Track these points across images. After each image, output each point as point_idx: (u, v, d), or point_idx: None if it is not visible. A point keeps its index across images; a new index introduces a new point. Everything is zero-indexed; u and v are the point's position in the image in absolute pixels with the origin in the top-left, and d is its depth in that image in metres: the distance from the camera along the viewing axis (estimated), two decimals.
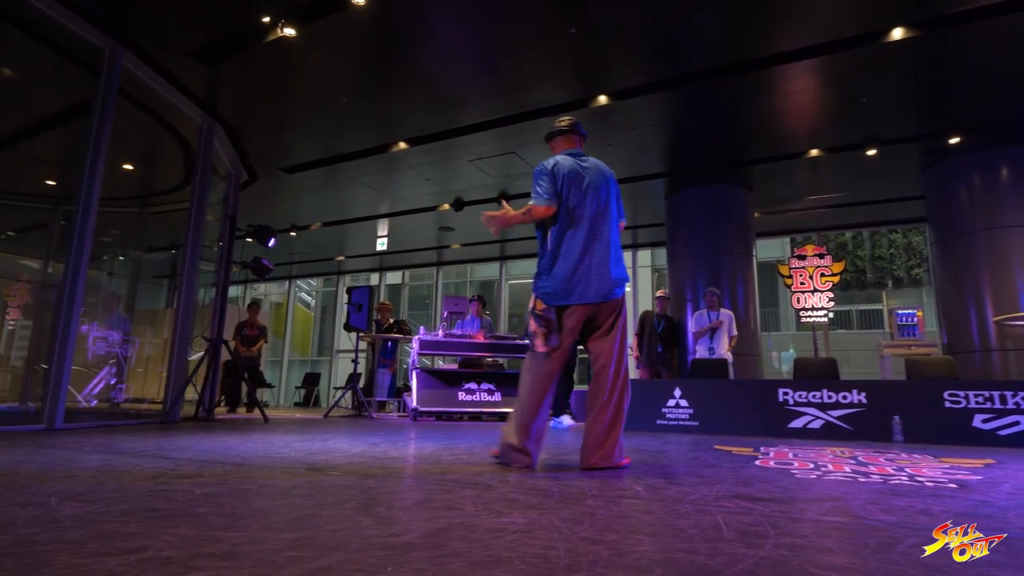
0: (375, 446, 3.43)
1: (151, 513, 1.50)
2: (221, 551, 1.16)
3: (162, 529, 1.33)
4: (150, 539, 1.24)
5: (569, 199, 2.67)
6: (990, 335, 7.07)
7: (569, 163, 2.75)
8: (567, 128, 2.92)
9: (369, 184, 8.68)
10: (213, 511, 1.53)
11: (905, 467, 2.86)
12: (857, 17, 4.95)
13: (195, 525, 1.37)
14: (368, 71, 5.91)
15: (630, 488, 2.04)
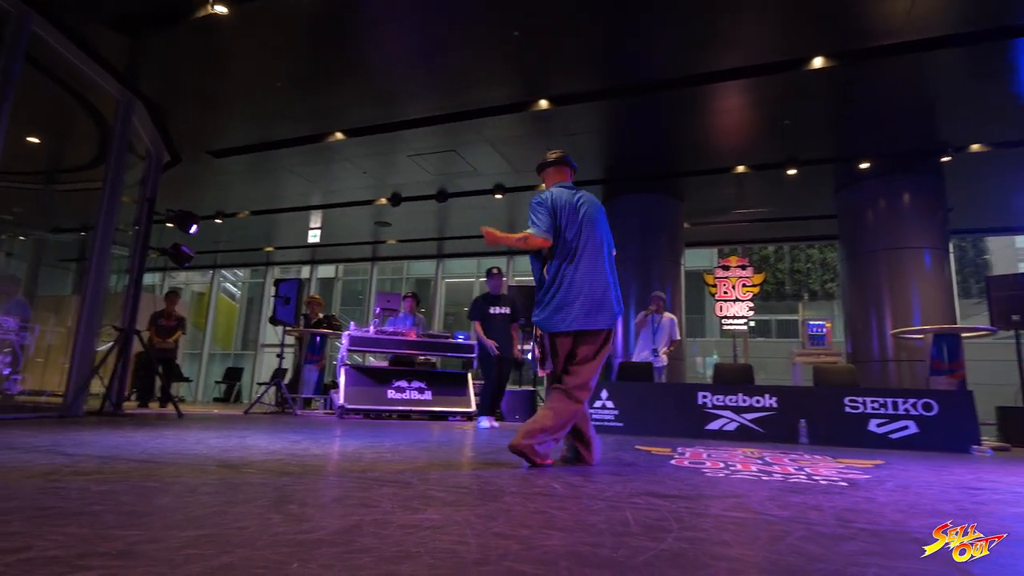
0: (296, 443, 3.34)
1: (39, 512, 1.40)
2: (115, 550, 1.10)
3: (50, 528, 1.25)
4: (36, 538, 1.16)
5: (566, 232, 2.75)
6: (888, 346, 7.67)
7: (565, 196, 2.83)
8: (557, 160, 2.98)
9: (303, 174, 8.43)
10: (110, 509, 1.45)
11: (805, 467, 3.06)
12: (783, 44, 5.26)
13: (88, 524, 1.30)
14: (306, 57, 5.75)
15: (548, 486, 2.09)
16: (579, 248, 2.75)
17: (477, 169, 8.07)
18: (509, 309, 6.03)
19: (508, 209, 9.75)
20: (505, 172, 8.16)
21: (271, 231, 11.69)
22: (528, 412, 7.63)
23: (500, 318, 5.98)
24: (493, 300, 6.05)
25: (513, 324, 6.06)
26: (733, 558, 1.18)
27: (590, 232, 2.78)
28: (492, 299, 6.06)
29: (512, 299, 6.16)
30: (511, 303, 6.10)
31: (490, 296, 6.08)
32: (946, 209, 7.95)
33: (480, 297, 6.10)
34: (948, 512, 1.84)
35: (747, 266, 9.18)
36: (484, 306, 6.01)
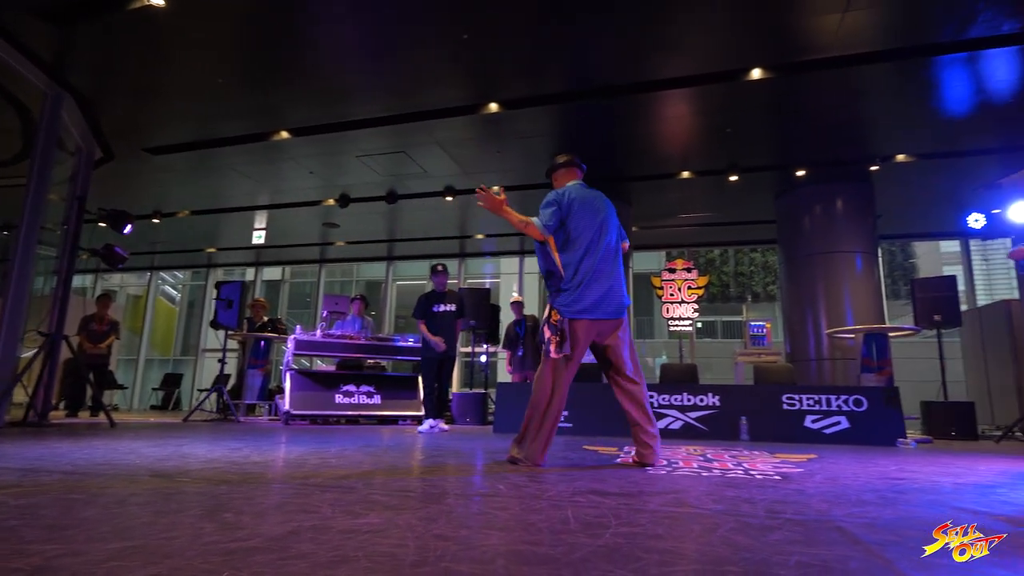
0: (236, 451, 3.23)
1: None
2: (31, 565, 1.05)
3: None
4: None
5: (582, 227, 2.93)
6: (823, 345, 8.04)
7: (581, 193, 3.03)
8: (567, 162, 3.20)
9: (247, 173, 8.18)
10: (28, 523, 1.38)
11: (743, 462, 3.18)
12: (725, 54, 5.45)
13: (3, 539, 1.23)
14: (249, 54, 5.59)
15: (492, 487, 2.10)
16: (599, 243, 2.95)
17: (427, 171, 8.03)
18: (455, 306, 5.91)
19: (459, 211, 9.73)
20: (456, 174, 8.14)
21: (213, 232, 11.28)
22: (479, 415, 7.62)
23: (445, 316, 5.85)
24: (438, 298, 5.93)
25: (459, 322, 5.95)
26: (665, 551, 1.22)
27: (606, 227, 3.01)
28: (437, 296, 5.94)
29: (459, 296, 6.04)
30: (457, 300, 5.97)
31: (435, 294, 5.95)
32: (875, 215, 8.41)
33: (424, 295, 5.96)
34: (870, 501, 1.96)
35: (692, 269, 9.45)
36: (428, 304, 5.88)
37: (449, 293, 5.98)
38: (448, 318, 5.87)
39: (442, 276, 5.98)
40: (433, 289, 6.01)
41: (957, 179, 7.96)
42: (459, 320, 5.98)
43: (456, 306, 5.94)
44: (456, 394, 8.03)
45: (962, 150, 7.08)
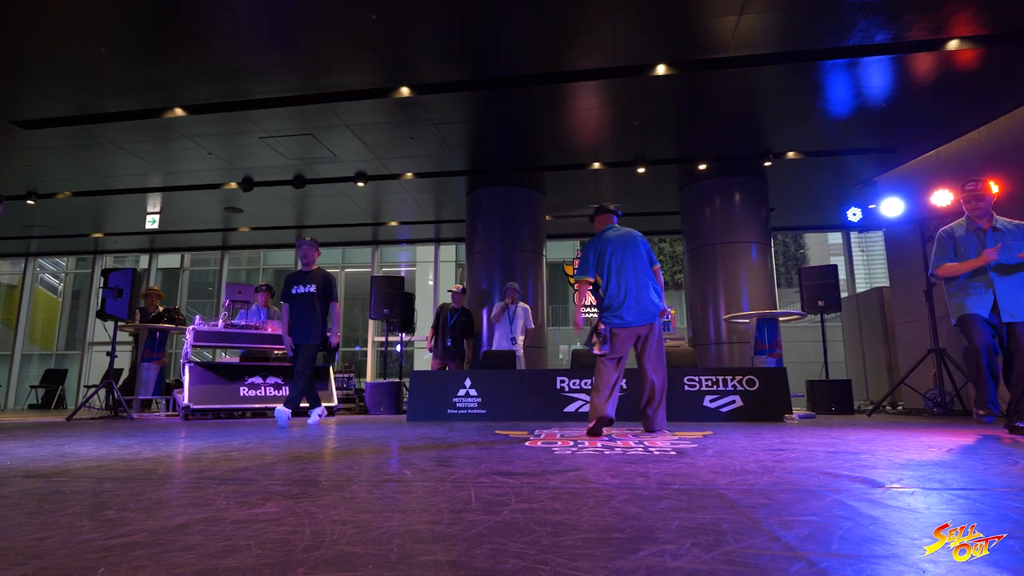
0: (126, 448, 3.03)
1: None
2: None
3: None
4: None
5: (612, 259, 4.00)
6: (722, 330, 8.59)
7: (613, 234, 4.12)
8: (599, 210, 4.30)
9: (137, 152, 7.58)
10: None
11: (644, 440, 3.35)
12: (632, 49, 5.64)
13: None
14: (137, 21, 5.16)
15: (398, 472, 2.10)
16: (630, 270, 3.97)
17: (337, 155, 7.78)
18: (314, 287, 5.17)
19: (372, 197, 9.51)
20: (368, 159, 7.94)
21: (100, 215, 10.36)
22: (393, 404, 7.54)
23: (303, 299, 5.15)
24: (298, 278, 5.22)
25: (333, 307, 5.27)
26: (559, 523, 1.28)
27: (633, 255, 4.00)
28: (298, 277, 5.23)
29: (323, 276, 5.25)
30: (320, 281, 5.21)
31: (296, 273, 5.27)
32: (768, 208, 9.04)
33: (289, 274, 5.32)
34: (751, 470, 2.13)
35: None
36: (288, 285, 5.22)
37: (312, 272, 5.24)
38: (305, 301, 5.14)
39: (307, 249, 5.29)
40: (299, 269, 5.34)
41: (839, 176, 8.70)
42: (332, 304, 5.27)
43: (315, 287, 5.17)
44: (369, 384, 7.89)
45: (843, 149, 7.75)
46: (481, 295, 8.76)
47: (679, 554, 1.03)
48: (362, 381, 10.38)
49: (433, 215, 10.53)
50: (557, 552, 1.05)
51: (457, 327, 7.56)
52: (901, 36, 5.35)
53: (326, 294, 5.23)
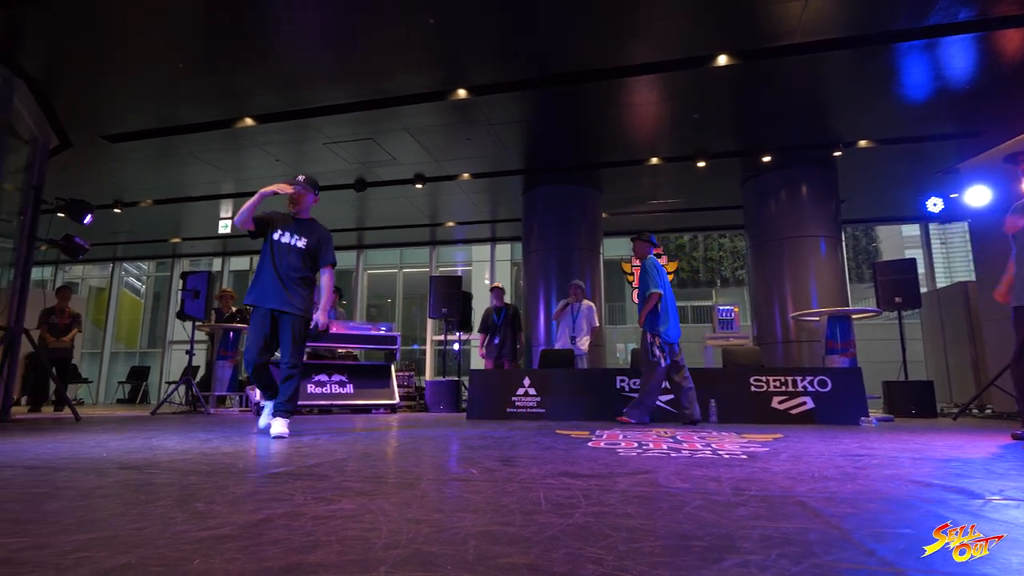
0: (206, 442, 3.19)
1: None
2: None
3: None
4: None
5: (666, 284, 5.20)
6: (790, 328, 8.25)
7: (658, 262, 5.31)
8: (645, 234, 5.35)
9: (211, 160, 7.98)
10: None
11: (712, 443, 3.26)
12: (691, 41, 5.50)
13: None
14: (211, 37, 5.43)
15: (466, 472, 2.12)
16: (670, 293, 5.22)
17: (396, 158, 7.94)
18: (307, 243, 3.67)
19: (429, 198, 9.67)
20: (426, 161, 8.07)
21: (178, 221, 11.00)
22: (453, 402, 7.64)
23: (289, 252, 3.64)
24: (287, 222, 3.71)
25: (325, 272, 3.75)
26: (633, 528, 1.25)
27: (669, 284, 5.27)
28: (287, 219, 3.72)
29: (322, 233, 3.77)
30: (317, 237, 3.72)
31: (286, 215, 3.76)
32: (839, 200, 8.62)
33: (275, 212, 3.81)
34: (831, 476, 2.03)
35: (662, 255, 9.57)
36: (271, 223, 3.70)
37: (307, 222, 3.77)
38: (290, 255, 3.63)
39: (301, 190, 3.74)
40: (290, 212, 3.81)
41: (917, 164, 8.19)
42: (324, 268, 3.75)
43: (309, 243, 3.67)
44: (429, 382, 8.03)
45: (921, 135, 7.29)
46: (537, 295, 8.75)
47: (765, 566, 0.98)
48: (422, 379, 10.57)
49: (489, 215, 10.59)
50: (636, 559, 1.03)
51: (506, 325, 7.58)
52: (987, 12, 4.97)
53: (319, 256, 3.73)
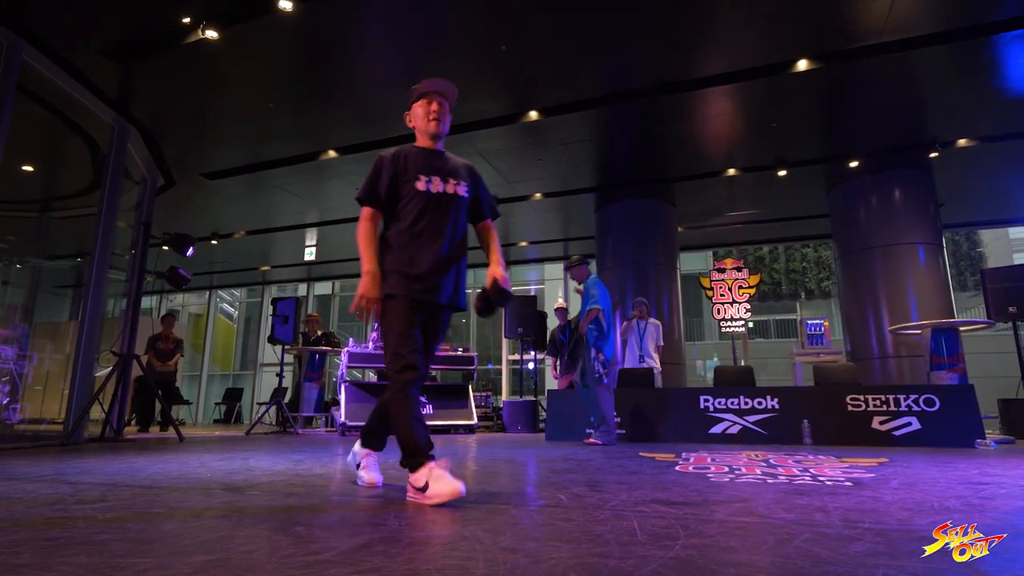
0: (299, 463, 3.33)
1: (47, 542, 1.40)
2: None
3: (58, 558, 1.25)
4: (45, 570, 1.16)
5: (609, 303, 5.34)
6: (887, 343, 7.69)
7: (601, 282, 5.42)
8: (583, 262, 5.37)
9: (296, 192, 8.46)
10: (116, 537, 1.45)
11: (810, 468, 3.06)
12: (768, 48, 5.32)
13: (96, 552, 1.30)
14: (295, 78, 5.79)
15: (553, 497, 2.09)
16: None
17: None
18: (467, 187, 2.42)
19: (502, 219, 9.77)
20: (498, 183, 8.19)
21: (267, 250, 11.70)
22: (530, 422, 7.61)
23: (446, 205, 2.35)
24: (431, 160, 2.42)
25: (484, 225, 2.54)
26: (740, 563, 1.18)
27: None
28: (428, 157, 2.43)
29: (470, 169, 2.53)
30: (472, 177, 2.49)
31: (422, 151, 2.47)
32: (937, 204, 8.01)
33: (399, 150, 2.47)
34: (954, 508, 1.85)
35: (742, 268, 9.21)
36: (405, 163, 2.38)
37: (455, 161, 2.51)
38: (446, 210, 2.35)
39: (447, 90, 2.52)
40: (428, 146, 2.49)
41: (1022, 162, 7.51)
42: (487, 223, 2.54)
43: (468, 187, 2.44)
44: (506, 402, 8.05)
45: None
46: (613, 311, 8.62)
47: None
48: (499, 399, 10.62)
49: (561, 233, 10.60)
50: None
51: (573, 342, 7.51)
52: None
53: (481, 206, 2.51)
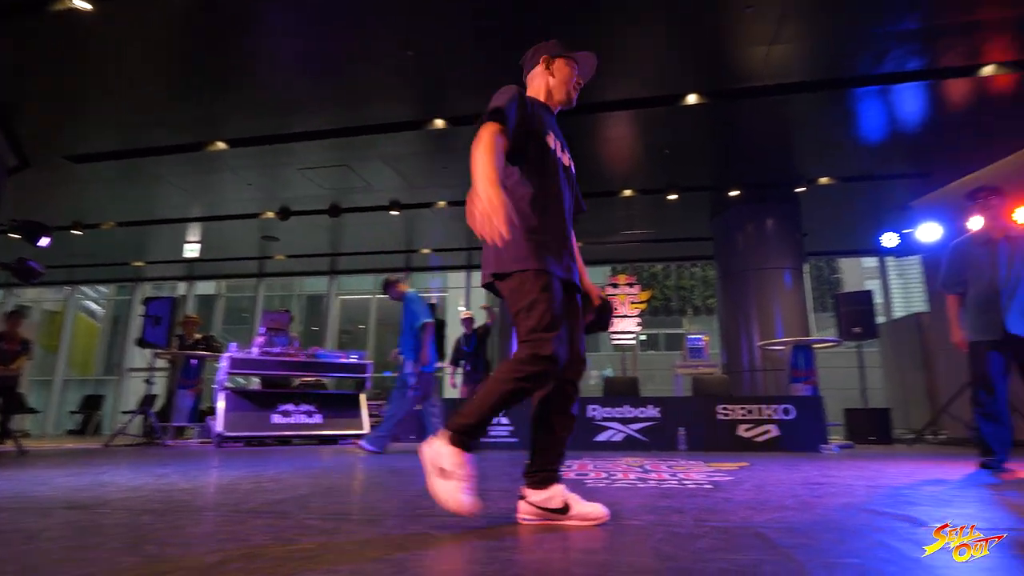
0: (162, 478, 3.08)
1: None
2: None
3: None
4: None
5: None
6: (756, 357, 8.40)
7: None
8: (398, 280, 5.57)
9: (179, 184, 7.87)
10: None
11: (679, 472, 3.27)
12: (664, 79, 5.68)
13: None
14: (186, 62, 5.41)
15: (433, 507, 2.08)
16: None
17: (372, 184, 7.95)
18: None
19: (405, 225, 9.66)
20: (401, 188, 8.10)
21: (141, 244, 10.74)
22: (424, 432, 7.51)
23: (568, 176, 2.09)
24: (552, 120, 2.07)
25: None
26: (597, 563, 1.25)
27: None
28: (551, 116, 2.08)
29: None
30: None
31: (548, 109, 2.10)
32: (801, 234, 8.89)
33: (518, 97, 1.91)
34: (790, 506, 2.06)
35: (635, 284, 9.69)
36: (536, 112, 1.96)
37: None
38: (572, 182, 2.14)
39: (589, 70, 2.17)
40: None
41: (874, 201, 8.52)
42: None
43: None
44: None
45: (878, 174, 7.60)
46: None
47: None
48: None
49: (465, 242, 10.63)
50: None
51: (475, 351, 7.57)
52: (935, 62, 5.27)
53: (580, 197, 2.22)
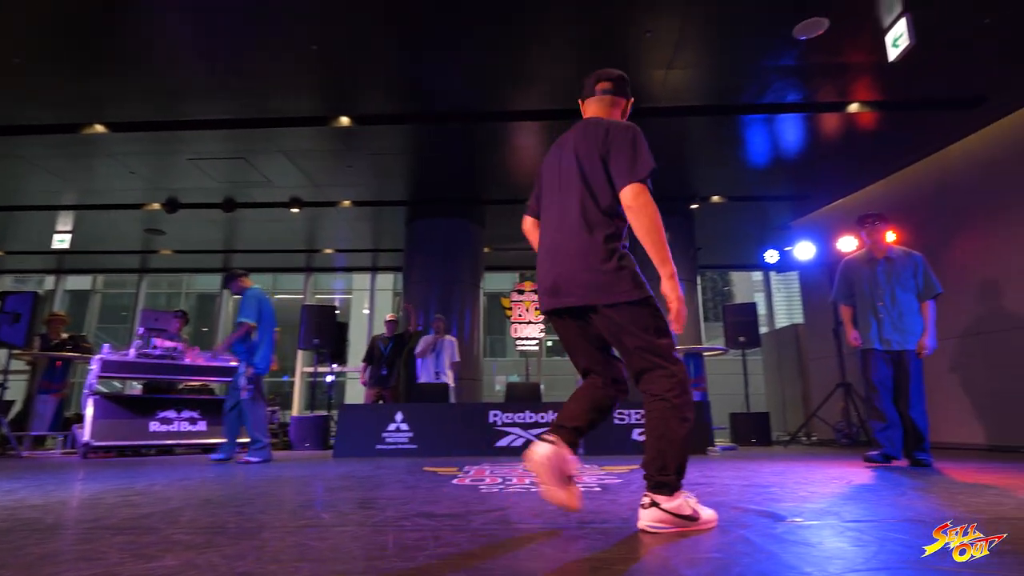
0: (9, 493, 2.76)
1: None
2: None
3: None
4: None
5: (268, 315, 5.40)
6: None
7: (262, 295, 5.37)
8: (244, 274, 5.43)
9: (50, 168, 7.12)
10: None
11: None
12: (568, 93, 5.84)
13: None
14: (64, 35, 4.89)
15: (316, 517, 2.02)
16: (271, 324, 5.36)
17: (271, 180, 7.58)
18: None
19: (306, 224, 9.30)
20: (303, 185, 7.78)
21: (2, 232, 9.61)
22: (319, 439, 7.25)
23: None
24: None
25: None
26: (475, 568, 1.26)
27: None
28: None
29: None
30: None
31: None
32: (695, 247, 9.46)
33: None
34: None
35: None
36: None
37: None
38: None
39: None
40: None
41: (759, 220, 9.25)
42: None
43: None
44: (295, 417, 7.59)
45: (762, 195, 8.25)
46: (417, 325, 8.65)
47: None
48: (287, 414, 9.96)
49: (371, 243, 10.38)
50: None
51: (396, 355, 7.44)
52: (810, 97, 5.81)
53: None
